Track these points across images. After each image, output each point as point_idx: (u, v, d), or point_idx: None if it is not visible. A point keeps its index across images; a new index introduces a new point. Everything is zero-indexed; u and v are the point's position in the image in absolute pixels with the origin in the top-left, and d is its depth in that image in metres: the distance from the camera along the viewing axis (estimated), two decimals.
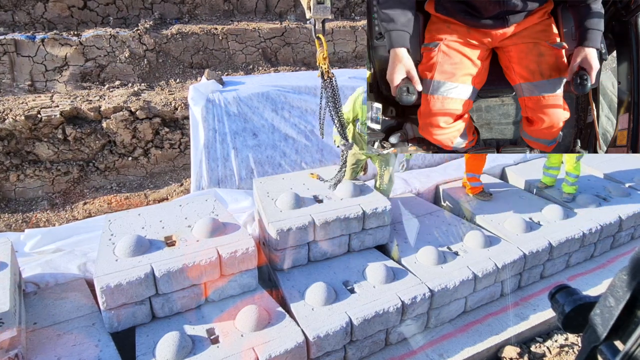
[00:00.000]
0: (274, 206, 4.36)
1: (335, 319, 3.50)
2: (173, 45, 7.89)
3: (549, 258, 4.72)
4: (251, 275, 3.83)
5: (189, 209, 4.36)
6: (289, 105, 6.70)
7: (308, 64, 9.27)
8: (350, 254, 4.43)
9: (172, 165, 6.62)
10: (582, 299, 1.41)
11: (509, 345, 3.88)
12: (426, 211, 5.37)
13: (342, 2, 10.73)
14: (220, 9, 9.18)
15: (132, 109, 6.20)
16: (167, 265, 3.42)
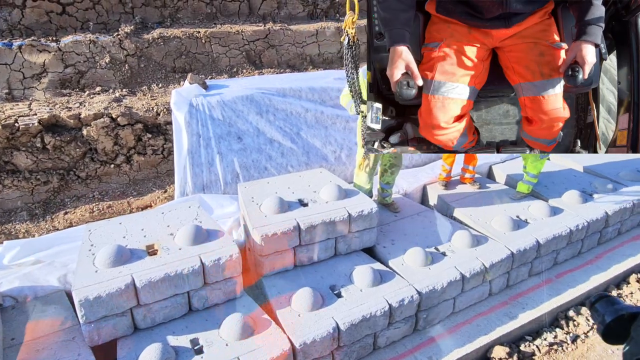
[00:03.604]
0: (258, 211, 4.29)
1: (321, 325, 3.45)
2: (155, 50, 7.78)
3: (537, 256, 4.71)
4: (236, 283, 3.76)
5: (172, 216, 4.27)
6: (273, 108, 6.64)
7: (293, 66, 9.21)
8: (337, 257, 4.38)
9: (155, 171, 6.52)
10: (624, 309, 1.37)
11: (498, 345, 3.85)
12: (414, 211, 5.34)
13: (327, 3, 10.69)
14: (203, 12, 9.08)
15: (113, 116, 6.09)
16: (148, 275, 3.34)
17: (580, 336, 4.06)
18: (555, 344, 3.96)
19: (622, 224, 5.60)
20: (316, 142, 6.71)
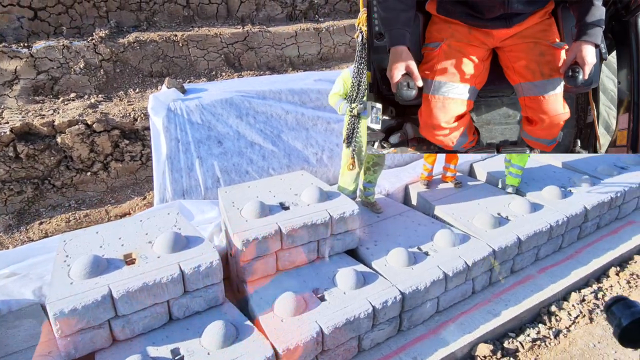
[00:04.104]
0: (239, 216, 4.24)
1: (305, 330, 3.41)
2: (131, 54, 7.65)
3: (518, 252, 4.75)
4: (217, 290, 3.70)
5: (150, 223, 4.19)
6: (253, 111, 6.57)
7: (272, 68, 9.16)
8: (320, 260, 4.34)
9: (134, 178, 6.39)
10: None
11: (482, 343, 3.86)
12: (396, 212, 5.34)
13: (306, 4, 10.66)
14: (180, 15, 8.97)
15: (89, 122, 5.95)
16: (125, 285, 3.26)
17: (563, 331, 4.09)
18: (538, 339, 3.99)
19: (601, 218, 5.69)
20: (297, 144, 6.66)
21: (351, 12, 11.28)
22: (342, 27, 10.21)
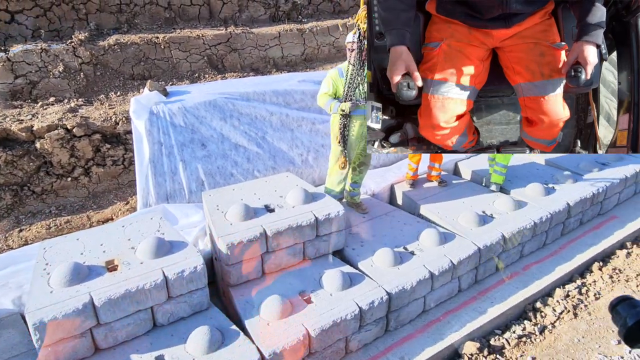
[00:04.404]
0: (223, 219, 4.19)
1: (291, 333, 3.38)
2: (111, 57, 7.53)
3: (503, 250, 4.78)
4: (202, 295, 3.65)
5: (133, 229, 4.12)
6: (237, 112, 6.52)
7: (256, 70, 9.11)
8: (306, 262, 4.32)
9: (116, 183, 6.29)
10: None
11: (469, 341, 3.88)
12: (382, 212, 5.34)
13: (289, 5, 10.63)
14: (161, 17, 8.86)
15: (69, 127, 5.84)
16: (107, 293, 3.20)
17: (548, 326, 4.13)
18: (524, 336, 4.01)
19: (584, 214, 5.77)
20: (282, 146, 6.63)
21: (334, 13, 11.29)
22: (325, 28, 10.20)
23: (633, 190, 6.52)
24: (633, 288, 4.57)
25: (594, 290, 4.62)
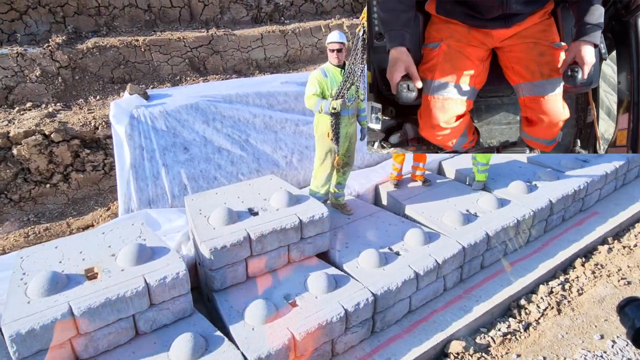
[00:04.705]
0: (206, 224, 4.14)
1: (277, 337, 3.35)
2: (90, 61, 7.40)
3: (488, 248, 4.81)
4: (185, 301, 3.59)
5: (113, 235, 4.04)
6: (220, 115, 6.45)
7: (239, 72, 9.04)
8: (291, 265, 4.28)
9: (96, 189, 6.18)
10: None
11: (455, 340, 3.88)
12: (366, 213, 5.33)
13: (271, 6, 10.58)
14: (141, 19, 8.74)
15: (46, 132, 5.72)
16: (87, 302, 3.13)
17: (532, 323, 4.16)
18: (509, 333, 4.03)
19: (566, 211, 5.83)
20: (266, 148, 6.58)
21: (317, 14, 11.27)
22: (308, 29, 10.17)
23: (613, 186, 6.62)
24: (615, 283, 4.64)
25: (576, 286, 4.67)
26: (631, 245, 5.40)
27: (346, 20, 10.88)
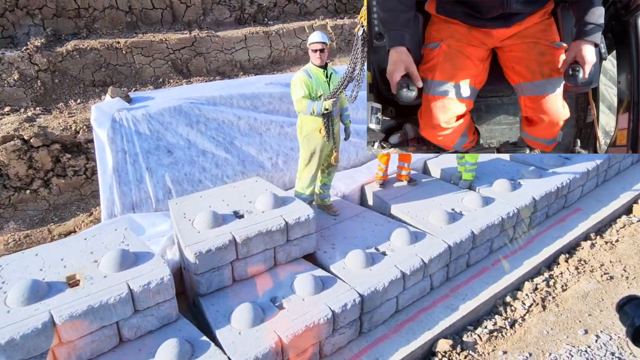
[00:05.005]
0: (191, 227, 4.10)
1: (263, 341, 3.32)
2: (70, 64, 7.26)
3: (473, 246, 4.84)
4: (170, 306, 3.54)
5: (96, 241, 3.97)
6: (204, 117, 6.40)
7: (222, 73, 8.97)
8: (277, 267, 4.26)
9: (78, 194, 6.06)
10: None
11: (442, 338, 3.90)
12: (352, 213, 5.33)
13: (254, 7, 10.53)
14: (122, 21, 8.62)
15: (25, 137, 5.59)
16: (69, 310, 3.07)
17: (518, 320, 4.20)
18: (495, 330, 4.07)
19: (549, 208, 5.91)
20: (251, 150, 6.54)
21: (300, 15, 11.24)
22: (292, 30, 10.14)
23: (595, 182, 6.73)
24: (597, 278, 4.71)
25: (561, 282, 4.72)
26: (613, 241, 5.49)
27: (330, 21, 10.88)
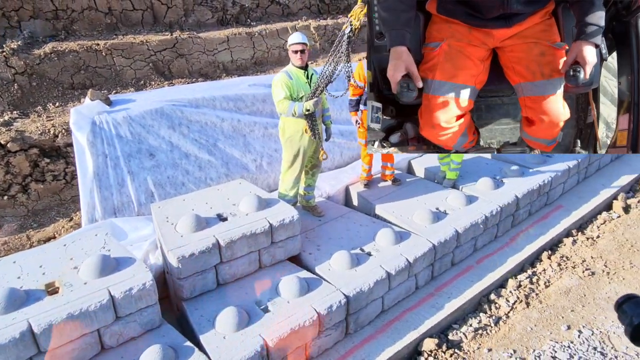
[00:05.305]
0: (173, 231, 4.04)
1: (248, 345, 3.29)
2: (48, 66, 7.12)
3: (457, 245, 4.87)
4: (152, 312, 3.48)
5: (76, 247, 3.89)
6: (187, 120, 6.33)
7: (205, 75, 8.89)
8: (262, 270, 4.23)
9: (58, 199, 5.94)
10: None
11: (428, 337, 3.91)
12: (337, 214, 5.32)
13: (236, 8, 10.46)
14: (102, 22, 8.48)
15: (2, 142, 5.46)
16: (48, 318, 3.00)
17: (502, 317, 4.23)
18: (480, 328, 4.09)
19: (532, 205, 5.98)
20: (235, 152, 6.49)
21: (283, 15, 11.21)
22: (275, 31, 10.10)
23: (576, 179, 6.83)
24: (579, 274, 4.77)
25: (544, 278, 4.78)
26: (594, 237, 5.58)
27: (313, 22, 10.87)
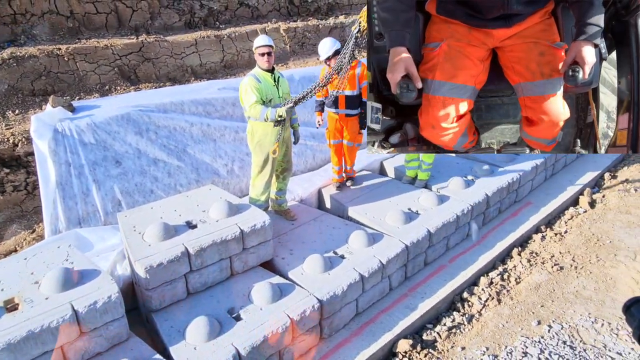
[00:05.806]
0: (141, 240, 3.92)
1: (220, 355, 3.21)
2: (6, 72, 6.83)
3: (430, 245, 4.90)
4: (119, 325, 3.36)
5: (37, 261, 3.73)
6: (154, 125, 6.17)
7: (173, 79, 8.72)
8: (234, 277, 4.15)
9: (19, 210, 5.70)
10: None
11: (403, 339, 3.90)
12: (310, 217, 5.28)
13: (205, 11, 10.31)
14: (64, 27, 8.21)
15: None
16: (6, 337, 2.85)
17: (475, 315, 4.27)
18: (454, 327, 4.12)
19: (502, 203, 6.08)
20: (205, 157, 6.37)
21: (253, 18, 11.12)
22: (244, 34, 10.00)
23: (544, 176, 6.98)
24: (549, 269, 4.86)
25: (514, 275, 4.85)
26: (562, 232, 5.71)
27: (283, 24, 10.82)
